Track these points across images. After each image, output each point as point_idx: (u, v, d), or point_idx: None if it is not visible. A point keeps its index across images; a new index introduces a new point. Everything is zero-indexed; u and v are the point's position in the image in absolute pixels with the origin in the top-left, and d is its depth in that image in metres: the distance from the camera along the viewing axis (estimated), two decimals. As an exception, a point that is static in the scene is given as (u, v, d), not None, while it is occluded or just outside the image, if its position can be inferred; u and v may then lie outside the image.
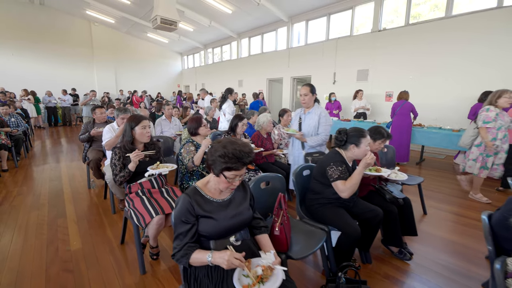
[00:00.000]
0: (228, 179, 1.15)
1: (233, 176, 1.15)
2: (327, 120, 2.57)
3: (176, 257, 1.13)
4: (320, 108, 2.62)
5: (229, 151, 1.12)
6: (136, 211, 1.87)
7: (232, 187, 1.21)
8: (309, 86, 2.56)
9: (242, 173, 1.18)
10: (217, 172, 1.16)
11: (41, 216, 2.83)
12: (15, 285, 1.81)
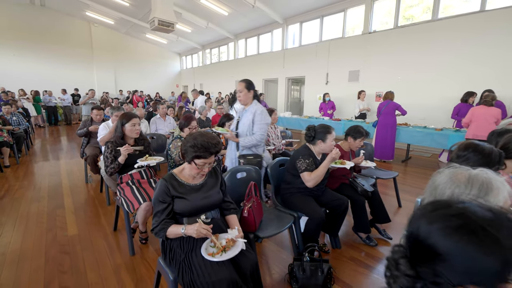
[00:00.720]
0: (198, 166, 1.37)
1: (202, 163, 1.37)
2: (263, 119, 2.29)
3: (155, 231, 1.35)
4: (256, 105, 2.35)
5: (198, 142, 1.34)
6: (126, 198, 2.08)
7: (202, 173, 1.43)
8: (244, 82, 2.35)
9: (210, 161, 1.40)
10: (188, 160, 1.38)
11: (41, 207, 3.05)
12: (17, 264, 2.02)
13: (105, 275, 1.91)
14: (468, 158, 1.27)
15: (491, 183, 0.76)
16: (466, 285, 0.48)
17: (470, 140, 1.38)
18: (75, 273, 1.92)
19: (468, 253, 0.47)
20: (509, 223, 0.49)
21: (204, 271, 1.23)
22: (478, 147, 1.27)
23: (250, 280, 1.32)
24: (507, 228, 0.48)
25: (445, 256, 0.48)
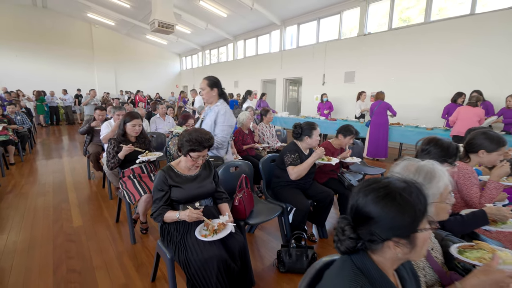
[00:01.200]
0: (193, 158, 1.55)
1: (197, 156, 1.55)
2: (226, 120, 2.15)
3: (154, 215, 1.52)
4: (221, 105, 2.20)
5: (193, 137, 1.52)
6: (128, 191, 2.25)
7: (196, 165, 1.60)
8: (207, 80, 2.20)
9: (203, 154, 1.57)
10: (184, 153, 1.55)
11: (47, 201, 3.22)
12: (28, 250, 2.20)
13: (109, 260, 2.08)
14: (430, 151, 1.46)
15: (434, 172, 0.93)
16: (391, 238, 0.65)
17: (433, 135, 1.55)
18: (81, 259, 2.10)
19: (391, 214, 0.64)
20: (416, 190, 0.67)
21: (197, 250, 1.40)
22: (438, 142, 1.45)
23: (238, 259, 1.49)
24: (415, 193, 0.66)
25: (376, 219, 0.66)
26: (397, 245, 0.64)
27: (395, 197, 0.65)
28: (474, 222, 1.29)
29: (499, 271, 0.76)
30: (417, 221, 0.64)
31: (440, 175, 0.95)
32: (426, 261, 0.94)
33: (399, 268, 0.74)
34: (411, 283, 0.74)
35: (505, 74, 5.23)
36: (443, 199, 0.94)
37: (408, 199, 0.64)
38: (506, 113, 4.73)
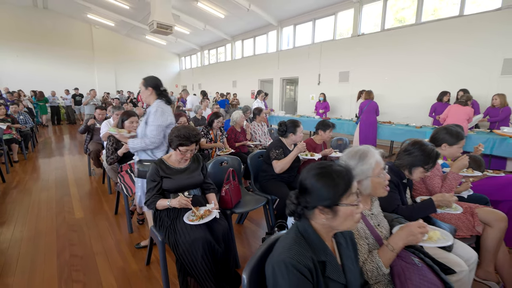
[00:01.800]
0: (181, 152, 1.73)
1: (185, 150, 1.73)
2: (156, 119, 2.00)
3: (147, 203, 1.71)
4: (156, 105, 2.04)
5: (181, 133, 1.70)
6: (126, 184, 2.44)
7: (185, 158, 1.78)
8: (143, 80, 2.10)
9: (191, 148, 1.75)
10: (174, 147, 1.74)
11: (50, 196, 3.41)
12: (33, 239, 2.39)
13: (108, 247, 2.27)
14: (413, 152, 1.57)
15: (367, 152, 1.15)
16: (317, 206, 0.83)
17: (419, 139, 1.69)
18: (83, 246, 2.29)
19: (320, 188, 0.83)
20: (347, 174, 0.85)
21: (185, 233, 1.59)
22: (422, 146, 1.56)
23: (221, 241, 1.68)
24: (344, 176, 0.84)
25: (310, 190, 0.84)
26: (322, 212, 0.83)
27: (326, 175, 0.83)
28: (423, 209, 1.47)
29: (411, 224, 0.97)
30: (338, 197, 0.82)
31: (371, 155, 1.16)
32: (370, 233, 1.12)
33: (338, 236, 0.93)
34: (347, 248, 0.93)
35: (491, 74, 5.41)
36: (376, 174, 1.14)
37: (336, 179, 0.83)
38: (491, 112, 4.90)
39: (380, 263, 1.01)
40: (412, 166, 1.52)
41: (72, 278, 1.88)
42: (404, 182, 1.59)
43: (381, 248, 1.07)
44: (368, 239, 1.11)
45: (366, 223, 1.16)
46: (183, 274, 1.66)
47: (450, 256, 1.36)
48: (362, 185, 1.17)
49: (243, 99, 11.93)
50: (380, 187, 1.16)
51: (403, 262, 1.08)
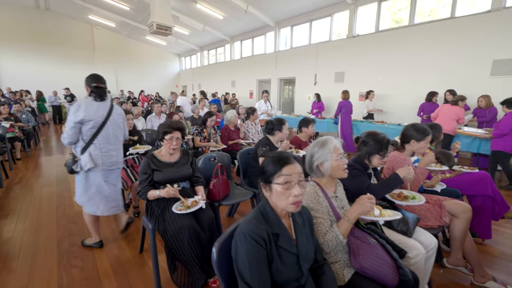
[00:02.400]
0: (168, 140, 1.90)
1: (170, 137, 1.91)
2: (69, 115, 2.07)
3: (139, 194, 1.87)
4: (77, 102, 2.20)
5: (165, 124, 1.89)
6: (122, 178, 2.59)
7: (173, 147, 1.94)
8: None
9: (176, 136, 1.93)
10: (160, 138, 1.91)
11: (51, 191, 3.58)
12: (35, 230, 2.55)
13: (104, 236, 2.43)
14: (368, 142, 1.76)
15: (327, 140, 1.35)
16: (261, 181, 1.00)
17: (373, 130, 1.87)
18: (81, 236, 2.45)
19: (263, 167, 0.99)
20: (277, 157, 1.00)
21: (173, 221, 1.74)
22: (375, 136, 1.76)
23: (207, 229, 1.83)
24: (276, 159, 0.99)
25: (263, 170, 1.00)
26: (264, 188, 1.01)
27: (268, 158, 1.00)
28: (391, 183, 1.62)
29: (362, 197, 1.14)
30: (269, 176, 0.99)
31: (330, 142, 1.36)
32: (332, 212, 1.29)
33: (295, 216, 1.08)
34: (303, 226, 1.08)
35: (480, 75, 5.53)
36: (334, 157, 1.32)
37: (271, 162, 1.00)
38: (478, 112, 5.00)
39: (338, 232, 1.17)
40: (369, 155, 1.69)
41: (71, 264, 2.04)
42: (369, 172, 1.74)
43: (339, 221, 1.22)
44: (331, 216, 1.27)
45: (329, 203, 1.32)
46: (171, 259, 1.81)
47: (409, 241, 1.51)
48: (323, 167, 1.34)
49: (242, 99, 12.09)
50: (339, 169, 1.33)
51: (359, 241, 1.23)
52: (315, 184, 1.37)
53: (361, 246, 1.21)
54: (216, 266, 1.02)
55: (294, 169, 0.98)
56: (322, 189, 1.35)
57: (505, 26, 5.20)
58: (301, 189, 0.97)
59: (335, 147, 1.33)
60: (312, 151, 1.40)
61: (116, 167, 2.23)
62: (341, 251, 1.26)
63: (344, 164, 1.36)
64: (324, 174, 1.36)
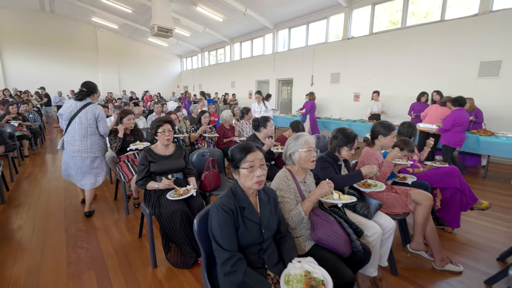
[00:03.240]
0: (161, 133, 2.16)
1: (162, 130, 2.16)
2: None
3: (138, 184, 2.12)
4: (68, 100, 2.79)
5: (155, 120, 2.17)
6: (123, 172, 2.86)
7: (167, 138, 2.19)
8: None
9: (167, 128, 2.19)
10: (154, 132, 2.17)
11: (58, 185, 3.85)
12: (45, 217, 2.81)
13: (107, 224, 2.69)
14: (337, 136, 2.02)
15: (300, 135, 1.61)
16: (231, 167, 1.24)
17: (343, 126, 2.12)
18: (87, 223, 2.71)
19: (234, 156, 1.23)
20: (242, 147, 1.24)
21: (167, 206, 1.99)
22: (344, 131, 2.01)
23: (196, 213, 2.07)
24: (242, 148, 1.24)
25: (232, 158, 1.24)
26: (234, 172, 1.25)
27: (238, 149, 1.25)
28: (352, 177, 1.86)
29: (322, 182, 1.38)
30: (237, 162, 1.23)
31: (302, 137, 1.62)
32: (299, 194, 1.53)
33: (261, 194, 1.32)
34: (268, 203, 1.32)
35: (468, 76, 5.74)
36: (304, 149, 1.56)
37: (239, 151, 1.24)
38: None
39: (301, 209, 1.41)
40: (339, 147, 1.94)
41: (77, 245, 2.30)
42: (339, 163, 1.98)
43: (303, 201, 1.47)
44: (297, 197, 1.52)
45: (297, 186, 1.56)
46: (166, 240, 2.07)
47: (369, 222, 1.75)
48: (294, 156, 1.59)
49: (241, 99, 12.35)
50: (307, 160, 1.57)
51: (319, 218, 1.48)
52: (286, 170, 1.62)
53: (320, 222, 1.45)
54: (197, 234, 1.28)
55: (256, 156, 1.22)
56: (292, 174, 1.60)
57: (492, 29, 5.41)
58: (263, 171, 1.22)
59: (306, 140, 1.58)
60: (288, 142, 1.66)
61: (78, 155, 2.72)
62: (304, 228, 1.50)
63: (312, 156, 1.60)
64: (294, 162, 1.61)
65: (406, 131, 2.87)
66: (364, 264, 1.49)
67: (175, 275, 1.95)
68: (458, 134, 4.05)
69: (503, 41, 5.30)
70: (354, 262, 1.44)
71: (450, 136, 4.10)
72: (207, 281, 1.27)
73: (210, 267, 1.32)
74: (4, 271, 1.96)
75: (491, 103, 5.37)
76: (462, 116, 3.97)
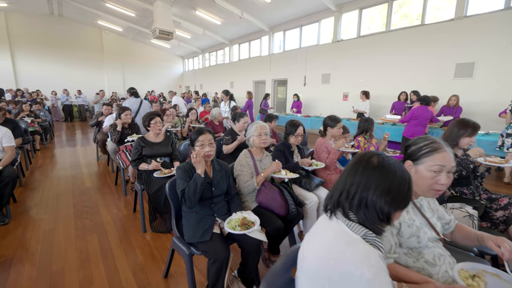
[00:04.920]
0: (153, 125, 2.66)
1: (154, 122, 2.66)
2: None
3: (132, 164, 2.62)
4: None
5: (147, 113, 2.65)
6: (122, 159, 3.36)
7: (159, 128, 2.69)
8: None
9: (157, 120, 2.68)
10: (147, 124, 2.66)
11: (66, 173, 4.39)
12: (56, 198, 3.34)
13: (108, 202, 3.20)
14: (286, 127, 2.49)
15: (255, 123, 2.10)
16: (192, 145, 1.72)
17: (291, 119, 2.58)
18: (91, 201, 3.23)
19: (192, 137, 1.71)
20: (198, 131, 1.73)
21: (155, 182, 2.49)
22: (291, 122, 2.47)
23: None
24: (198, 131, 1.72)
25: (190, 139, 1.73)
26: (192, 148, 1.73)
27: (195, 131, 1.73)
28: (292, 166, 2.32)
29: (272, 162, 1.86)
30: (193, 142, 1.72)
31: (256, 123, 2.11)
32: (253, 169, 2.01)
33: (214, 164, 1.80)
34: (219, 171, 1.79)
35: (445, 77, 6.14)
36: (256, 134, 2.05)
37: (194, 135, 1.72)
38: (445, 110, 5.47)
39: (254, 180, 1.89)
40: (287, 135, 2.42)
41: (83, 217, 2.82)
42: (291, 150, 2.46)
43: (257, 175, 1.95)
44: (252, 171, 2.00)
45: (254, 164, 2.04)
46: (153, 212, 2.57)
47: (309, 194, 2.22)
48: (250, 140, 2.07)
49: (239, 98, 12.81)
50: (259, 142, 2.06)
51: (264, 187, 1.95)
52: (247, 151, 2.10)
53: (263, 191, 1.93)
54: (168, 193, 1.76)
55: (206, 137, 1.71)
56: (251, 154, 2.09)
57: (466, 33, 5.80)
58: (211, 148, 1.71)
59: (257, 127, 2.07)
60: (247, 130, 2.14)
61: None
62: (252, 194, 1.98)
63: (263, 139, 2.08)
64: (251, 145, 2.10)
65: (363, 125, 3.31)
66: (295, 222, 1.97)
67: (159, 237, 2.45)
68: (414, 127, 4.48)
69: (476, 44, 5.68)
70: (288, 220, 1.92)
71: (407, 127, 4.61)
72: (175, 227, 1.76)
73: (178, 218, 1.81)
74: (26, 233, 2.48)
75: (465, 102, 5.74)
76: (422, 112, 4.40)
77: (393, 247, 1.04)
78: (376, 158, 0.80)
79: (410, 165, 1.14)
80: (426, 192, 1.11)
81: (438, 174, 1.07)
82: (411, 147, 1.17)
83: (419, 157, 1.12)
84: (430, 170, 1.08)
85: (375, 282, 0.63)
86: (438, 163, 1.07)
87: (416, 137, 1.19)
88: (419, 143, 1.15)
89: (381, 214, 0.74)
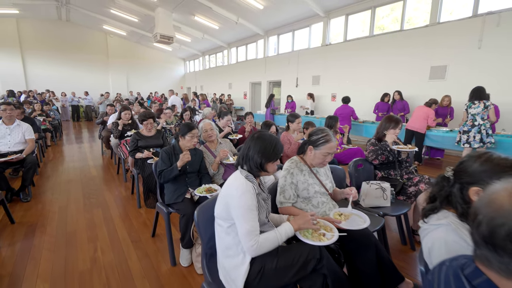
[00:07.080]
0: (144, 125, 3.24)
1: (146, 123, 3.24)
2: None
3: (131, 154, 3.21)
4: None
5: (142, 114, 3.23)
6: (122, 151, 3.96)
7: (149, 128, 3.27)
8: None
9: (149, 121, 3.25)
10: (141, 122, 3.25)
11: (75, 165, 5.01)
12: (68, 183, 3.95)
13: (111, 187, 3.80)
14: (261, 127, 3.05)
15: (200, 123, 2.60)
16: (182, 135, 2.30)
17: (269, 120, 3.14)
18: (96, 186, 3.83)
19: (184, 129, 2.29)
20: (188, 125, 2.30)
21: (148, 168, 3.07)
22: (266, 123, 3.04)
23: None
24: (188, 126, 2.30)
25: (182, 129, 2.31)
26: (181, 137, 2.31)
27: (187, 125, 2.30)
28: None
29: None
30: (183, 134, 2.29)
31: (199, 125, 2.64)
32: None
33: (191, 150, 2.37)
34: (195, 155, 2.36)
35: (421, 79, 6.64)
36: (203, 131, 2.59)
37: (186, 129, 2.28)
38: (440, 110, 5.62)
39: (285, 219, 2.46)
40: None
41: (90, 197, 3.42)
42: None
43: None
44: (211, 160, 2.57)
45: (211, 154, 2.60)
46: (146, 191, 3.15)
47: (269, 175, 2.77)
48: (201, 137, 2.63)
49: (237, 99, 13.42)
50: (206, 137, 2.62)
51: (228, 168, 2.51)
52: (203, 146, 2.67)
53: (227, 170, 2.49)
54: (154, 171, 2.33)
55: (195, 132, 2.29)
56: (207, 147, 2.65)
57: (439, 38, 6.29)
58: (195, 139, 2.29)
59: (202, 126, 2.66)
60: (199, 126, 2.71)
61: None
62: (218, 174, 2.55)
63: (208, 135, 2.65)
64: (203, 140, 2.68)
65: (328, 122, 3.85)
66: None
67: (151, 211, 3.03)
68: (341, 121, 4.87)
69: (448, 48, 6.17)
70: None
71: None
72: (159, 196, 2.34)
73: (162, 190, 2.37)
74: (45, 207, 3.08)
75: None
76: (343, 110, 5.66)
77: (291, 196, 1.61)
78: (257, 133, 1.36)
79: (311, 149, 1.70)
80: (318, 165, 1.68)
81: (327, 156, 1.64)
82: (313, 136, 1.72)
83: (318, 145, 1.68)
84: (323, 154, 1.64)
85: (241, 197, 1.20)
86: (327, 151, 1.63)
87: (316, 128, 1.75)
88: (318, 134, 1.70)
89: (257, 164, 1.30)
